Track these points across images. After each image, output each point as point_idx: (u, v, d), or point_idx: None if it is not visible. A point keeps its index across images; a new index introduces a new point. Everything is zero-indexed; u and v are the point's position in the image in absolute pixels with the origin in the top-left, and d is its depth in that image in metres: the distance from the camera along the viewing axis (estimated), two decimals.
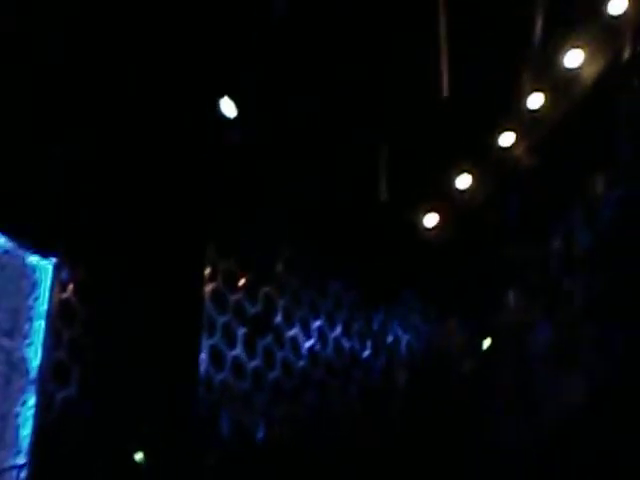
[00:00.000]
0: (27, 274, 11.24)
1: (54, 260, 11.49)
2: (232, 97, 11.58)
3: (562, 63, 12.02)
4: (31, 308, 11.17)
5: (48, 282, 11.40)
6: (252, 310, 12.62)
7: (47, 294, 11.37)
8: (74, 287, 11.62)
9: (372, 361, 13.60)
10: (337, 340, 13.40)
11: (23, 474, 10.63)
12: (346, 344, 13.47)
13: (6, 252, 11.08)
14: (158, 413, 11.42)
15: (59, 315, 11.43)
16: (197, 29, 10.65)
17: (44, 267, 11.39)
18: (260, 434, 12.12)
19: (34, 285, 11.29)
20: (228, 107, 11.67)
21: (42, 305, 11.30)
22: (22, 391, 10.86)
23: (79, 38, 10.33)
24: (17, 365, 10.87)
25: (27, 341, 11.02)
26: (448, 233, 13.12)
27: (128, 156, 11.50)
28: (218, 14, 10.64)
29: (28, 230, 11.12)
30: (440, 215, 13.18)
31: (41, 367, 11.09)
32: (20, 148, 10.86)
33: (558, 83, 12.14)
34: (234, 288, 12.44)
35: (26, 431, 10.79)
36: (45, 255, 11.40)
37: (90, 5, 10.24)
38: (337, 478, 11.20)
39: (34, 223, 11.11)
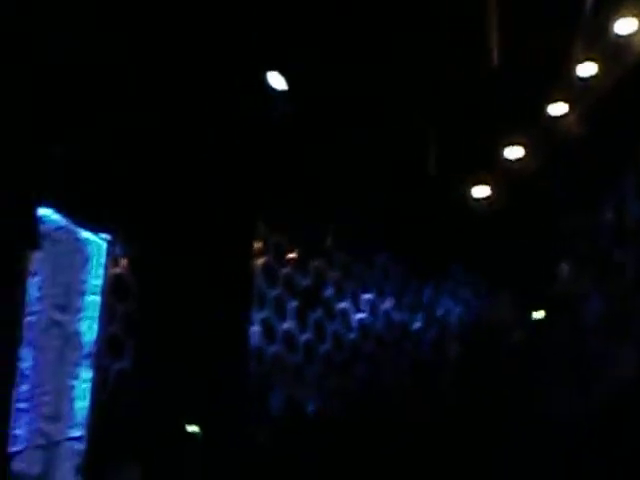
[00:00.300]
0: (81, 249, 11.31)
1: (108, 236, 11.58)
2: (280, 70, 11.57)
3: (614, 31, 11.83)
4: (84, 283, 11.27)
5: (102, 257, 11.47)
6: (303, 283, 12.67)
7: (101, 269, 11.45)
8: (127, 262, 11.73)
9: (422, 334, 13.58)
10: (387, 313, 13.40)
11: (78, 446, 10.80)
12: (396, 317, 13.46)
13: (60, 228, 11.17)
14: (210, 386, 11.53)
15: (113, 290, 11.54)
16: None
17: (98, 243, 11.48)
18: (311, 407, 12.20)
19: (88, 260, 11.37)
20: (276, 81, 11.66)
21: (96, 280, 11.39)
22: (76, 365, 10.99)
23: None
24: (71, 339, 10.99)
25: (80, 315, 11.14)
26: (498, 205, 13.02)
27: (179, 132, 11.55)
28: None
29: (83, 207, 11.22)
30: (490, 187, 13.09)
31: (97, 341, 11.21)
32: (75, 125, 10.95)
33: (610, 51, 11.94)
34: (284, 262, 12.50)
35: (80, 404, 10.94)
36: (99, 231, 11.49)
37: None
38: (387, 451, 11.24)
39: (89, 200, 11.20)
